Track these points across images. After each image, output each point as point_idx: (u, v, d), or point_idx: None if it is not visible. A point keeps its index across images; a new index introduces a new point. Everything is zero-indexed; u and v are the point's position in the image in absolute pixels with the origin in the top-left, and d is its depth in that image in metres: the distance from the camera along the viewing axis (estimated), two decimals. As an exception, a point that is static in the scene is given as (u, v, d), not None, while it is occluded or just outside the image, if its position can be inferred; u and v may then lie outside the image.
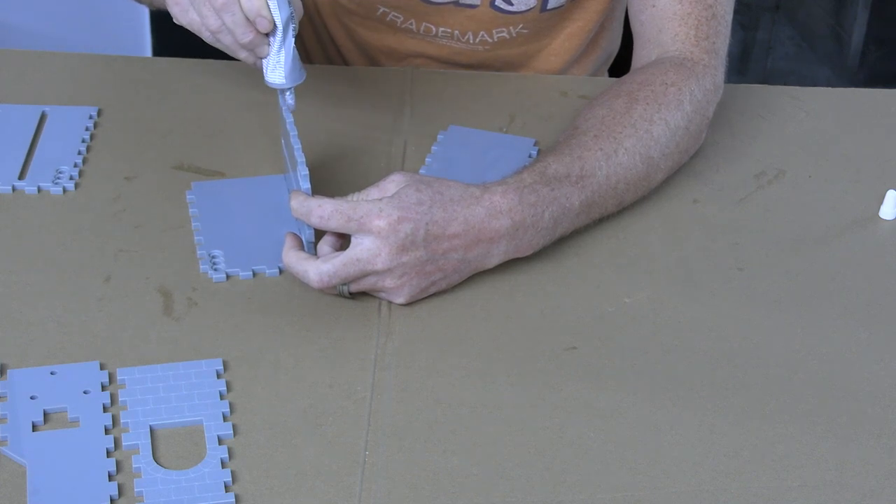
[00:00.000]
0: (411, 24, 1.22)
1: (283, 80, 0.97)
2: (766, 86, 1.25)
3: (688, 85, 1.07)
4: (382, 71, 1.23)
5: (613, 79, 1.25)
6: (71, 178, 1.06)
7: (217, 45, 0.98)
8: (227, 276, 0.96)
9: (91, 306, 0.93)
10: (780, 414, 0.87)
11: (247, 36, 0.95)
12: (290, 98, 0.98)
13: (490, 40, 1.23)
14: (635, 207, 1.06)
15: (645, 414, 0.87)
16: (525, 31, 1.22)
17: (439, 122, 1.14)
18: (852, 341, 0.94)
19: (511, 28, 1.22)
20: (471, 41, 1.23)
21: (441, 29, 1.22)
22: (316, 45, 1.33)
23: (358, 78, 1.22)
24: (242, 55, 0.98)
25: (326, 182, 1.06)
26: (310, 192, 0.93)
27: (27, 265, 0.97)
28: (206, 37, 0.98)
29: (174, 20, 0.99)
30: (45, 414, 0.84)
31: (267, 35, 0.96)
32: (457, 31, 1.22)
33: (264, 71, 0.98)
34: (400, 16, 1.21)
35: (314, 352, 0.90)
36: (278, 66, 0.97)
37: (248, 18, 0.94)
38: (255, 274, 0.97)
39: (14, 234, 1.00)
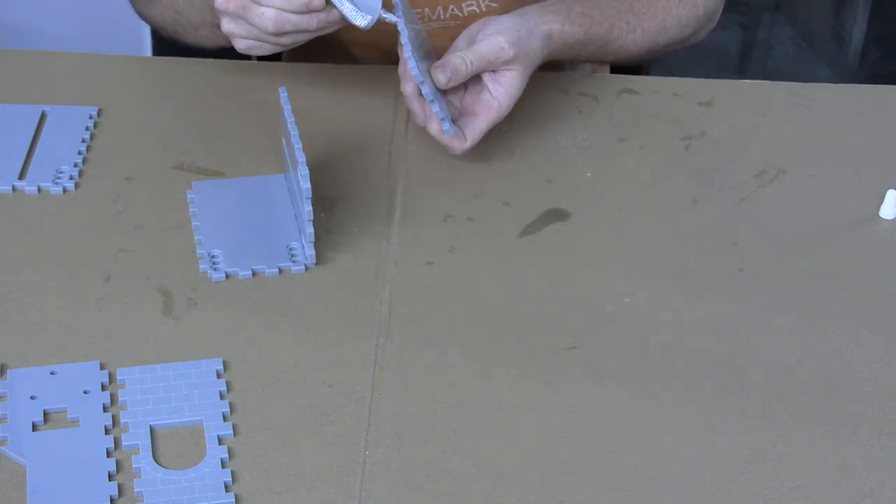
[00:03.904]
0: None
1: (366, 21, 1.01)
2: (767, 82, 1.25)
3: None
4: (382, 70, 1.23)
5: (614, 75, 1.26)
6: (71, 178, 1.06)
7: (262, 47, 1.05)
8: (227, 276, 0.96)
9: (91, 306, 0.93)
10: (780, 414, 0.87)
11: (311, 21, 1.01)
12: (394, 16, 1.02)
13: (460, 14, 1.22)
14: (635, 208, 1.06)
15: (645, 414, 0.87)
16: (494, 4, 1.22)
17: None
18: (852, 341, 0.94)
19: (480, 0, 1.21)
20: (441, 16, 1.22)
21: (413, 12, 1.22)
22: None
23: (358, 77, 1.22)
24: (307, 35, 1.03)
25: (326, 182, 1.06)
26: (310, 192, 0.93)
27: (27, 265, 0.97)
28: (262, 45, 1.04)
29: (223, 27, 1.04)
30: (45, 414, 0.84)
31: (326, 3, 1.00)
32: (427, 9, 1.21)
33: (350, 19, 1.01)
34: None
35: (314, 352, 0.90)
36: (354, 12, 1.01)
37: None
38: (254, 274, 0.97)
39: (14, 234, 1.00)
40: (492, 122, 1.08)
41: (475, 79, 1.07)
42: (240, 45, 1.05)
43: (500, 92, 1.07)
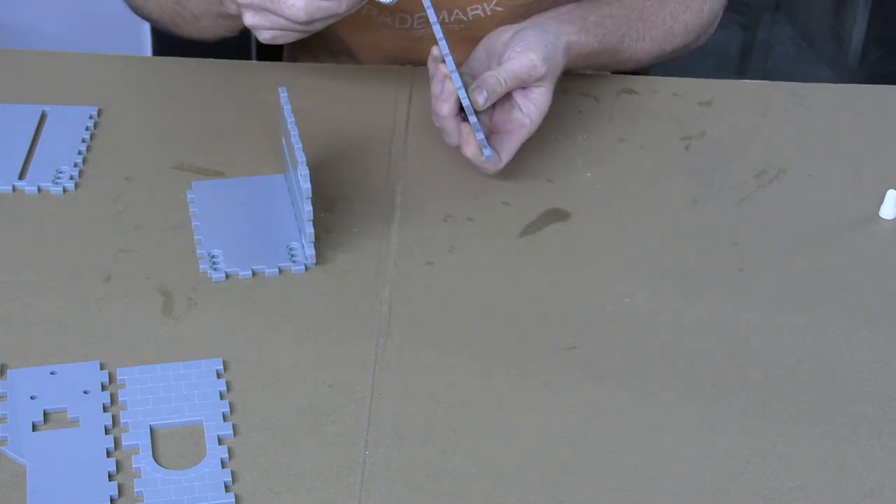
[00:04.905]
0: (386, 15, 1.22)
1: None
2: (767, 82, 1.25)
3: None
4: (382, 70, 1.23)
5: (615, 75, 1.26)
6: (71, 178, 1.06)
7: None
8: (227, 276, 0.96)
9: (91, 306, 0.93)
10: (780, 414, 0.87)
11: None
12: None
13: (465, 18, 1.22)
14: (635, 208, 1.06)
15: (645, 414, 0.87)
16: (499, 8, 1.22)
17: (439, 121, 1.14)
18: (852, 341, 0.94)
19: (485, 4, 1.21)
20: (446, 20, 1.22)
21: (416, 16, 1.22)
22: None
23: (358, 77, 1.22)
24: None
25: (326, 182, 1.06)
26: (309, 192, 0.93)
27: (27, 265, 0.97)
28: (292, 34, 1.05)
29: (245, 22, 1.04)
30: (45, 414, 0.84)
31: None
32: None
33: None
34: (374, 8, 1.21)
35: (314, 352, 0.90)
36: None
37: None
38: (254, 274, 0.97)
39: (14, 234, 1.00)
40: (524, 140, 1.07)
41: (504, 96, 1.07)
42: (264, 35, 1.04)
43: (532, 109, 1.06)
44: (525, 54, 1.05)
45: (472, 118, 1.02)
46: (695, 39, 1.25)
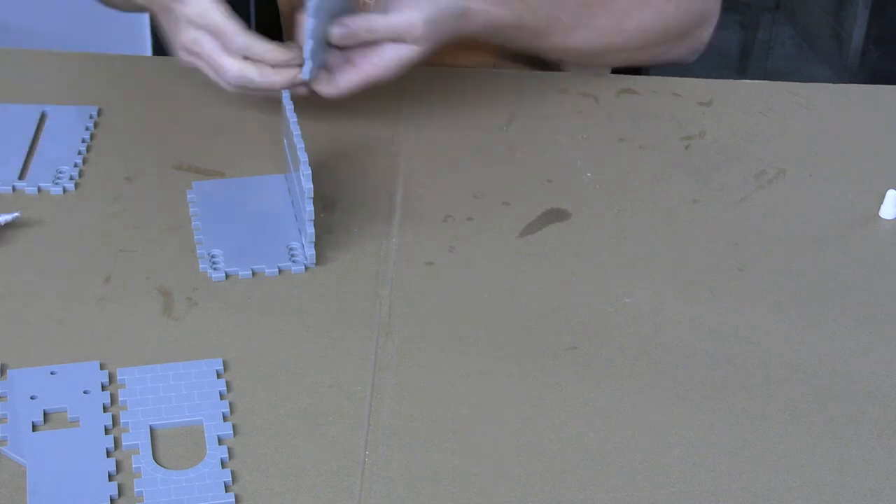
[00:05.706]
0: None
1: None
2: (767, 82, 1.25)
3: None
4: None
5: (614, 75, 1.26)
6: (71, 178, 1.06)
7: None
8: (227, 276, 0.96)
9: (91, 306, 0.93)
10: (780, 414, 0.87)
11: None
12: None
13: None
14: (635, 208, 1.06)
15: (645, 414, 0.87)
16: None
17: (439, 122, 1.14)
18: (852, 341, 0.94)
19: None
20: None
21: None
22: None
23: (358, 78, 1.21)
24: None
25: (326, 182, 1.06)
26: (311, 192, 0.93)
27: (27, 265, 0.97)
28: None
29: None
30: (45, 414, 0.84)
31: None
32: None
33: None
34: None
35: (314, 352, 0.90)
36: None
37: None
38: (254, 273, 0.97)
39: (14, 234, 1.00)
40: (371, 80, 1.06)
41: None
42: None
43: (392, 58, 1.05)
44: (409, 11, 1.04)
45: (310, 24, 1.00)
46: (663, 41, 1.23)
